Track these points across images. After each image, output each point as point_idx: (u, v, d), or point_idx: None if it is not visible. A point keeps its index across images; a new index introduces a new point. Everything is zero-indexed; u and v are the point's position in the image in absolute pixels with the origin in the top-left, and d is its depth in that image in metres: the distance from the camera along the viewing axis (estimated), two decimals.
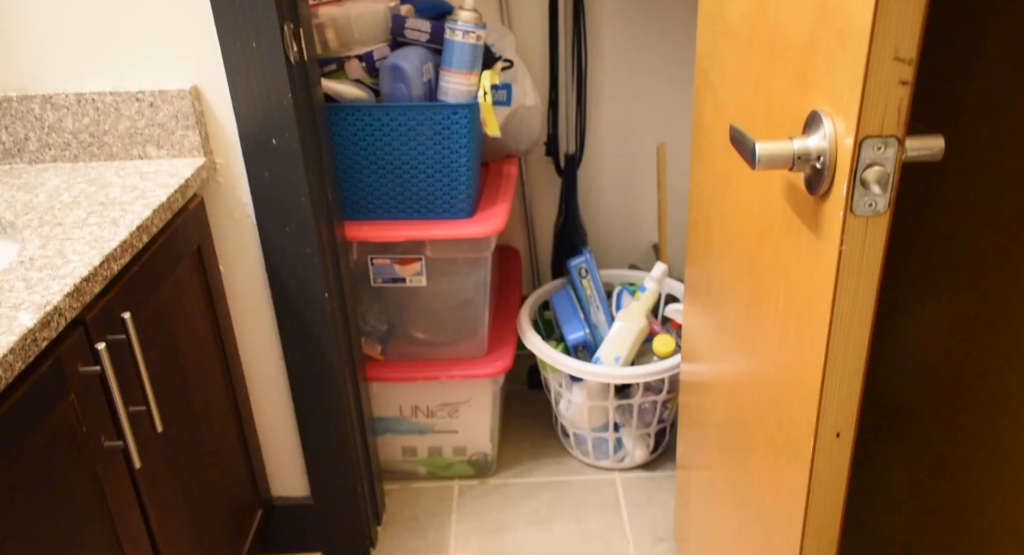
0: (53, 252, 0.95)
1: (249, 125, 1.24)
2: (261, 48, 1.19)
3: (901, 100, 0.60)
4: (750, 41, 0.91)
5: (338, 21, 1.51)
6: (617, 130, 2.02)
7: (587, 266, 1.82)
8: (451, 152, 1.52)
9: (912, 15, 0.58)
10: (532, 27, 1.91)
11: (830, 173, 0.67)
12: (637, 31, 1.91)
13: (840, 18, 0.64)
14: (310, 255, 1.34)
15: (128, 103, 1.21)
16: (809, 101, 0.72)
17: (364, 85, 1.52)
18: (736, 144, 0.77)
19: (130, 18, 1.18)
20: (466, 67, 1.49)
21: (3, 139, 1.22)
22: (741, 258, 0.99)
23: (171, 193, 1.12)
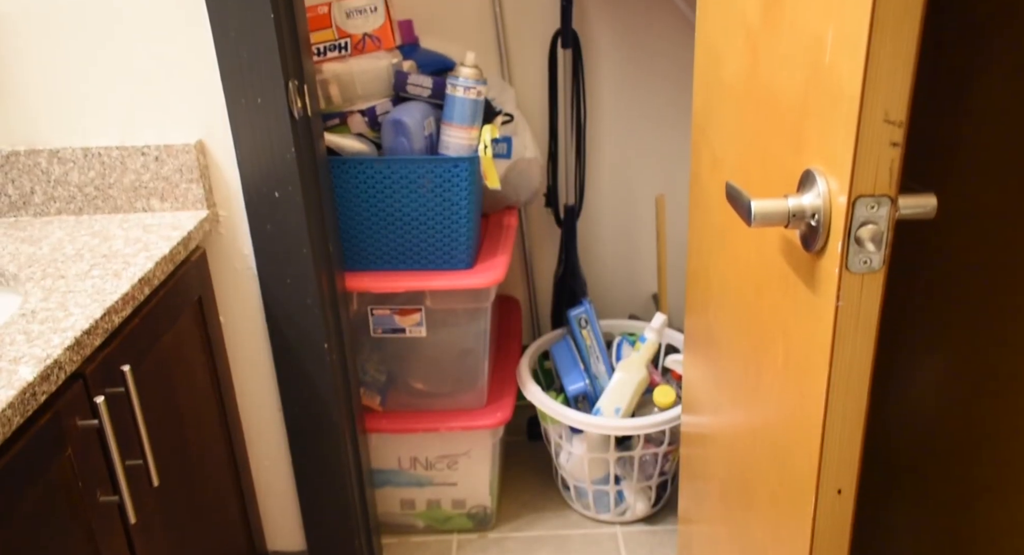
0: (55, 305, 0.95)
1: (252, 178, 1.26)
2: (266, 104, 1.21)
3: (892, 160, 0.62)
4: (745, 100, 0.93)
5: (342, 77, 1.54)
6: (616, 181, 2.05)
7: (587, 316, 1.83)
8: (452, 204, 1.53)
9: (900, 79, 0.60)
10: (532, 81, 1.95)
11: (825, 230, 0.67)
12: (635, 85, 1.95)
13: (831, 81, 0.66)
14: (311, 306, 1.34)
15: (134, 157, 1.23)
16: (803, 160, 0.73)
17: (366, 139, 1.55)
18: (732, 201, 0.78)
19: (138, 75, 1.20)
20: (467, 122, 1.51)
21: (9, 193, 1.24)
22: (740, 311, 0.99)
23: (173, 245, 1.13)
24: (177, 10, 1.17)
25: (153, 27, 1.18)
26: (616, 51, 1.93)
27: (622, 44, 1.92)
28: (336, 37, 1.57)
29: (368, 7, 1.56)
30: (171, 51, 1.19)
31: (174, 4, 1.16)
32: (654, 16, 1.89)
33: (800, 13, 0.73)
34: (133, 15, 1.17)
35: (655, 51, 1.92)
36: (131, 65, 1.20)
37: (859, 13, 0.61)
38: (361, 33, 1.57)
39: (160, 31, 1.18)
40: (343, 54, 1.57)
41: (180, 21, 1.17)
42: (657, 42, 1.91)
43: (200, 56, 1.19)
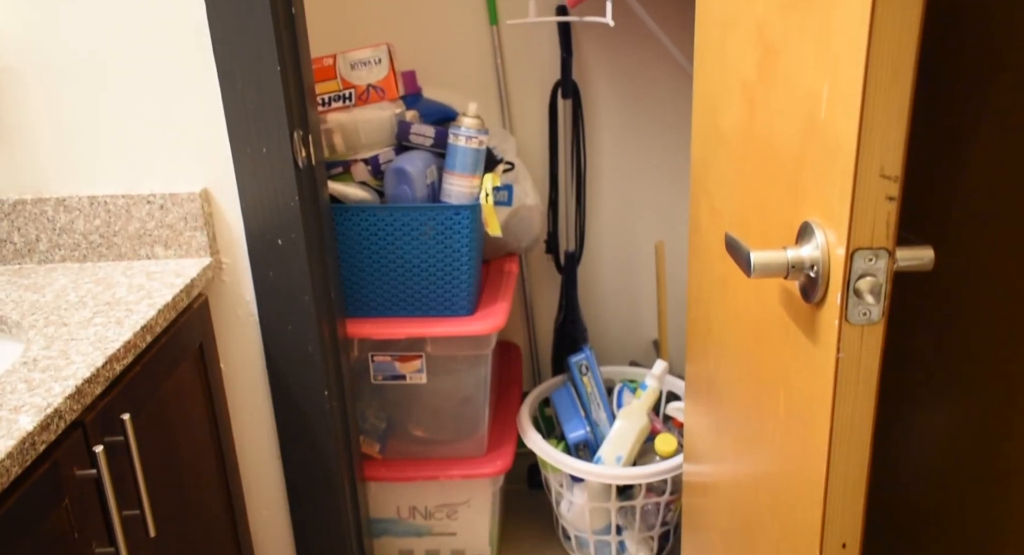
0: (57, 353, 0.95)
1: (256, 226, 1.27)
2: (271, 153, 1.23)
3: (889, 214, 0.62)
4: (743, 151, 0.94)
5: (346, 127, 1.57)
6: (616, 228, 2.07)
7: (588, 363, 1.82)
8: (453, 251, 1.54)
9: (895, 135, 0.61)
10: (533, 130, 1.98)
11: (824, 282, 0.68)
12: (634, 134, 1.98)
13: (827, 134, 0.67)
14: (311, 353, 1.34)
15: (139, 205, 1.24)
16: (801, 212, 0.74)
17: (369, 187, 1.57)
18: (732, 252, 0.79)
19: (147, 125, 1.22)
20: (468, 170, 1.53)
21: (15, 240, 1.25)
22: (741, 360, 0.99)
23: (176, 293, 1.14)
24: (186, 63, 1.19)
25: (162, 79, 1.20)
26: (615, 101, 1.96)
27: (621, 94, 1.96)
28: (341, 88, 1.60)
29: (372, 59, 1.59)
30: (179, 102, 1.21)
31: (184, 57, 1.19)
32: (652, 67, 1.93)
33: (795, 68, 0.75)
34: (143, 68, 1.20)
35: (654, 101, 1.95)
36: (139, 116, 1.22)
37: (853, 70, 0.62)
38: (365, 84, 1.60)
39: (169, 83, 1.20)
40: (347, 104, 1.60)
41: (189, 74, 1.20)
42: (656, 92, 1.95)
43: (207, 107, 1.21)
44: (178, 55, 1.19)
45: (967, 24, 0.98)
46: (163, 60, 1.19)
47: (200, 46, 1.18)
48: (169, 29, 1.18)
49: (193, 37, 1.18)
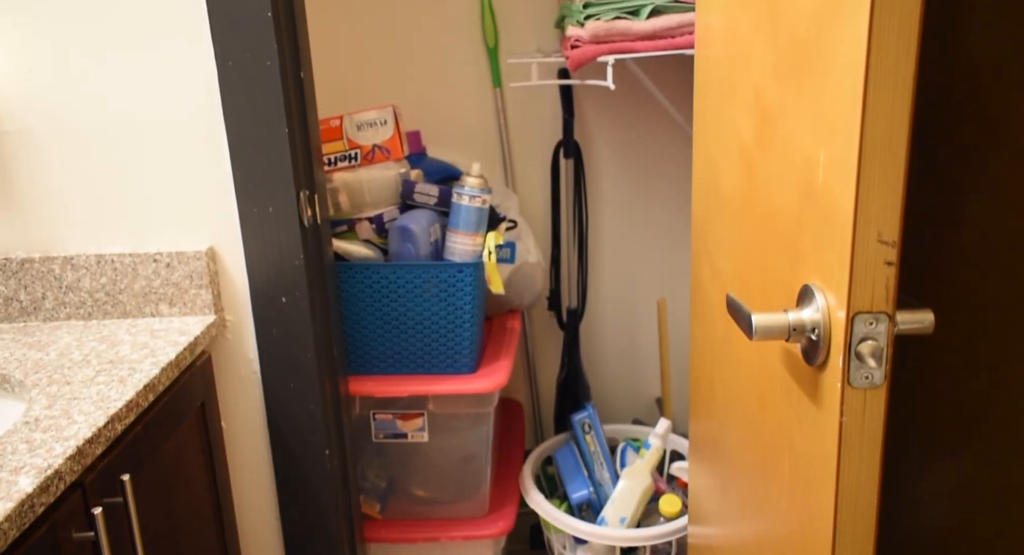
0: (59, 412, 0.95)
1: (261, 284, 1.28)
2: (277, 212, 1.25)
3: (888, 279, 0.63)
4: (743, 212, 0.95)
5: (351, 186, 1.59)
6: (618, 285, 2.07)
7: (590, 421, 1.81)
8: (456, 309, 1.55)
9: (891, 201, 0.62)
10: (535, 188, 2.01)
11: (825, 345, 0.68)
12: (635, 192, 2.01)
13: (825, 199, 0.68)
14: (313, 411, 1.34)
15: (145, 264, 1.25)
16: (801, 274, 0.75)
17: (373, 245, 1.58)
18: (733, 313, 0.80)
19: (156, 185, 1.25)
20: (472, 229, 1.55)
21: (21, 298, 1.26)
22: (745, 421, 0.99)
23: (180, 351, 1.14)
24: (197, 126, 1.22)
25: (173, 141, 1.23)
26: (616, 160, 1.99)
27: (622, 154, 1.99)
28: (347, 148, 1.63)
29: (378, 120, 1.63)
30: (189, 163, 1.24)
31: (194, 120, 1.22)
32: (653, 127, 1.96)
33: (791, 135, 0.77)
34: (154, 130, 1.22)
35: (654, 160, 1.98)
36: (149, 176, 1.24)
37: (848, 139, 0.64)
38: (371, 144, 1.63)
39: (179, 145, 1.23)
40: (353, 164, 1.63)
41: (199, 136, 1.23)
42: (656, 152, 1.98)
43: (217, 167, 1.24)
44: (189, 118, 1.22)
45: (962, 95, 1.01)
46: (174, 123, 1.22)
47: (211, 109, 1.21)
48: (181, 94, 1.21)
49: (205, 101, 1.21)
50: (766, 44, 0.84)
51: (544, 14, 1.90)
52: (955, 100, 1.01)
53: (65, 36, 1.19)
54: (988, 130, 0.96)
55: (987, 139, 0.96)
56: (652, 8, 1.51)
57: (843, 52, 0.65)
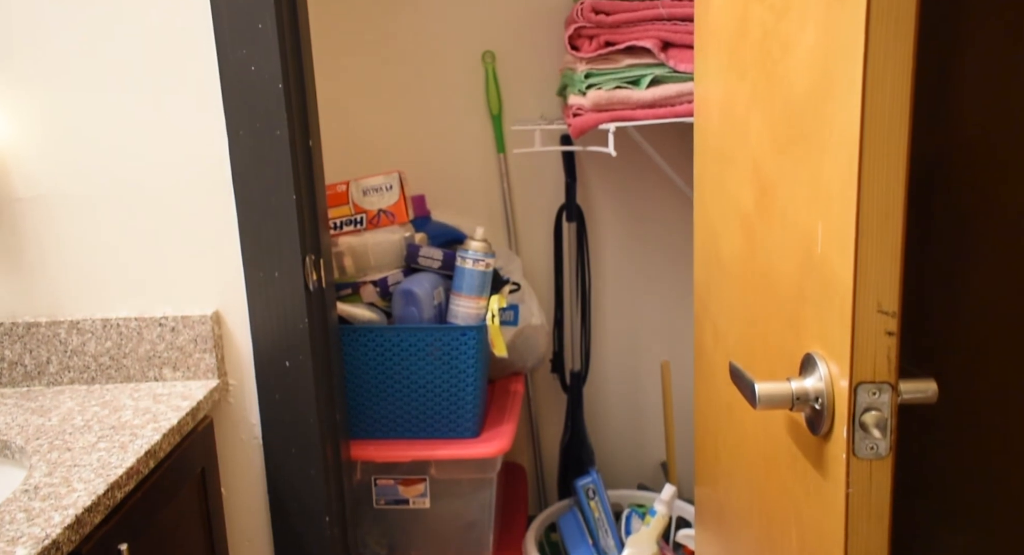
0: (59, 480, 0.95)
1: (265, 348, 1.29)
2: (283, 277, 1.26)
3: (889, 349, 0.64)
4: (744, 279, 0.96)
5: (356, 249, 1.61)
6: (621, 348, 2.07)
7: (595, 487, 1.79)
8: (459, 372, 1.55)
9: (889, 272, 0.63)
10: (538, 250, 2.03)
11: (829, 415, 0.68)
12: (637, 255, 2.03)
13: (824, 270, 0.69)
14: (314, 477, 1.32)
15: (151, 328, 1.26)
16: (803, 343, 0.75)
17: (377, 308, 1.59)
18: (736, 381, 0.80)
19: (164, 250, 1.26)
20: (475, 292, 1.56)
21: (26, 362, 1.26)
22: (751, 489, 0.97)
23: (182, 416, 1.14)
24: (206, 193, 1.24)
25: (182, 208, 1.25)
26: (618, 223, 2.02)
27: (624, 217, 2.01)
28: (352, 212, 1.65)
29: (384, 185, 1.65)
30: (197, 229, 1.26)
31: (204, 187, 1.24)
32: (654, 191, 1.99)
33: (790, 205, 0.78)
34: (163, 197, 1.25)
35: (656, 223, 2.01)
36: (157, 241, 1.26)
37: (845, 211, 0.65)
38: (376, 209, 1.65)
39: (188, 211, 1.25)
40: (359, 228, 1.65)
41: (208, 202, 1.25)
42: (658, 215, 2.00)
43: (224, 233, 1.25)
44: (199, 185, 1.24)
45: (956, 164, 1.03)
46: (185, 190, 1.24)
47: (221, 177, 1.24)
48: (193, 162, 1.24)
49: (215, 169, 1.23)
50: (763, 116, 0.86)
51: (546, 83, 1.95)
52: (949, 169, 1.03)
53: (81, 106, 1.22)
54: (983, 198, 0.97)
55: (983, 207, 0.97)
56: (652, 78, 1.55)
57: (838, 126, 0.66)
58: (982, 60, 0.99)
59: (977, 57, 1.00)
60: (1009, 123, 0.94)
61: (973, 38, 1.00)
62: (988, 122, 0.98)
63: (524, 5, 1.93)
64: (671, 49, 1.56)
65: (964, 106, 1.02)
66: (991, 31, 0.97)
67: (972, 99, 1.01)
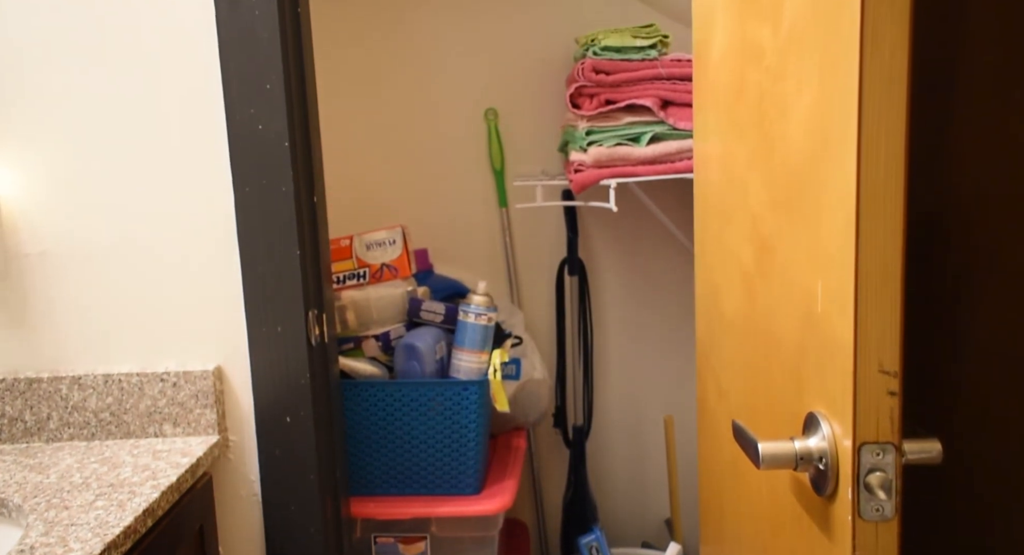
0: (55, 540, 0.93)
1: (266, 403, 1.28)
2: (285, 332, 1.26)
3: (892, 409, 0.63)
4: (745, 336, 0.96)
5: (359, 304, 1.62)
6: (624, 402, 2.06)
7: (598, 544, 1.75)
8: (461, 427, 1.54)
9: (890, 332, 0.63)
10: (540, 304, 2.03)
11: (833, 475, 0.68)
12: (639, 308, 2.03)
13: (825, 330, 0.70)
14: (313, 535, 1.30)
15: (152, 383, 1.26)
16: (806, 401, 0.75)
17: (379, 363, 1.59)
18: (740, 440, 0.79)
19: (167, 306, 1.27)
20: (477, 346, 1.56)
21: (26, 419, 1.26)
22: (756, 549, 0.96)
23: (181, 473, 1.13)
24: (211, 249, 1.25)
25: (187, 264, 1.26)
26: (620, 277, 2.02)
27: (626, 271, 2.02)
28: (356, 266, 1.66)
29: (387, 240, 1.67)
30: (201, 285, 1.26)
31: (209, 244, 1.25)
32: (656, 245, 2.01)
33: (790, 263, 0.79)
34: (169, 253, 1.26)
35: (658, 277, 2.02)
36: (162, 296, 1.27)
37: (844, 270, 0.65)
38: (379, 263, 1.66)
39: (193, 267, 1.26)
40: (361, 282, 1.66)
41: (213, 258, 1.26)
42: (659, 269, 2.01)
43: (228, 288, 1.26)
44: (205, 241, 1.25)
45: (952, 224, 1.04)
46: (189, 245, 1.26)
47: (227, 233, 1.25)
48: (199, 218, 1.25)
49: (221, 224, 1.25)
50: (761, 175, 0.87)
51: (548, 139, 1.98)
52: (946, 229, 1.04)
53: (90, 162, 1.24)
54: (980, 257, 0.98)
55: (981, 265, 0.98)
56: (652, 135, 1.58)
57: (834, 188, 0.67)
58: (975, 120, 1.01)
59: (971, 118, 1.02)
60: (1004, 181, 0.96)
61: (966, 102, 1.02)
62: (983, 180, 1.00)
63: (526, 63, 1.97)
64: (670, 107, 1.59)
65: (959, 164, 1.04)
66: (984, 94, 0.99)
67: (967, 157, 1.02)
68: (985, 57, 0.98)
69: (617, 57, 1.61)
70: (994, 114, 0.97)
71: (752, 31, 0.88)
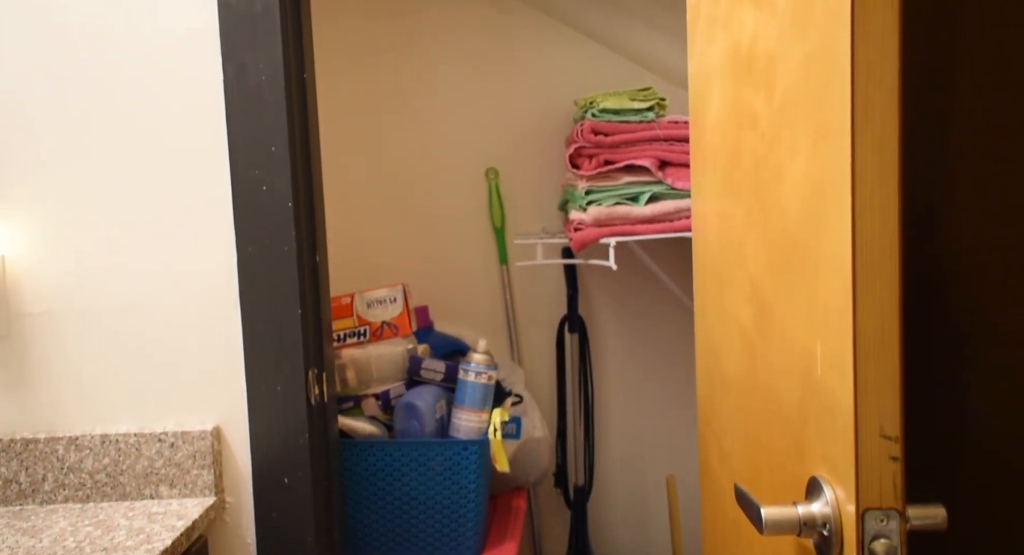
0: None
1: (264, 464, 1.27)
2: (285, 392, 1.26)
3: (895, 474, 0.63)
4: (746, 397, 0.96)
5: (359, 362, 1.61)
6: (626, 461, 2.04)
7: None
8: (460, 488, 1.52)
9: (890, 396, 0.63)
10: (541, 361, 2.03)
11: (838, 542, 0.67)
12: (640, 366, 2.02)
13: (825, 393, 0.70)
14: None
15: (150, 443, 1.25)
16: (808, 465, 0.75)
17: (378, 422, 1.58)
18: (742, 504, 0.78)
19: (167, 365, 1.27)
20: (477, 405, 1.55)
21: (21, 480, 1.25)
22: None
23: (176, 536, 1.11)
24: (214, 308, 1.26)
25: (189, 323, 1.26)
26: (621, 335, 2.02)
27: (626, 328, 2.02)
28: (356, 324, 1.66)
29: (388, 298, 1.68)
30: (202, 344, 1.26)
31: (212, 303, 1.26)
32: (656, 303, 2.01)
33: (789, 326, 0.79)
34: (171, 312, 1.26)
35: (659, 335, 2.02)
36: (161, 356, 1.27)
37: (842, 333, 0.66)
38: (380, 321, 1.67)
39: (194, 326, 1.26)
40: (362, 340, 1.66)
41: (214, 318, 1.26)
42: (660, 327, 2.02)
43: (229, 347, 1.26)
44: (206, 300, 1.26)
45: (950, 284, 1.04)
46: (191, 305, 1.26)
47: (229, 292, 1.25)
48: (200, 277, 1.26)
49: (223, 284, 1.25)
50: (759, 237, 0.89)
51: (548, 197, 2.01)
52: (944, 289, 1.04)
53: (95, 222, 1.25)
54: (980, 318, 0.98)
55: (980, 327, 0.98)
56: (650, 195, 1.60)
57: (830, 251, 0.68)
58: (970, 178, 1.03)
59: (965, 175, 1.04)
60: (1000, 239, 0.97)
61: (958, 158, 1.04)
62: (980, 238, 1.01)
63: (526, 123, 2.01)
64: (668, 168, 1.62)
65: (955, 222, 1.05)
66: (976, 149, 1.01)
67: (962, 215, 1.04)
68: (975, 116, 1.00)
69: (615, 119, 1.64)
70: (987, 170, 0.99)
71: (746, 98, 0.90)
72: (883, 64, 0.63)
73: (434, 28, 2.02)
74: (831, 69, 0.67)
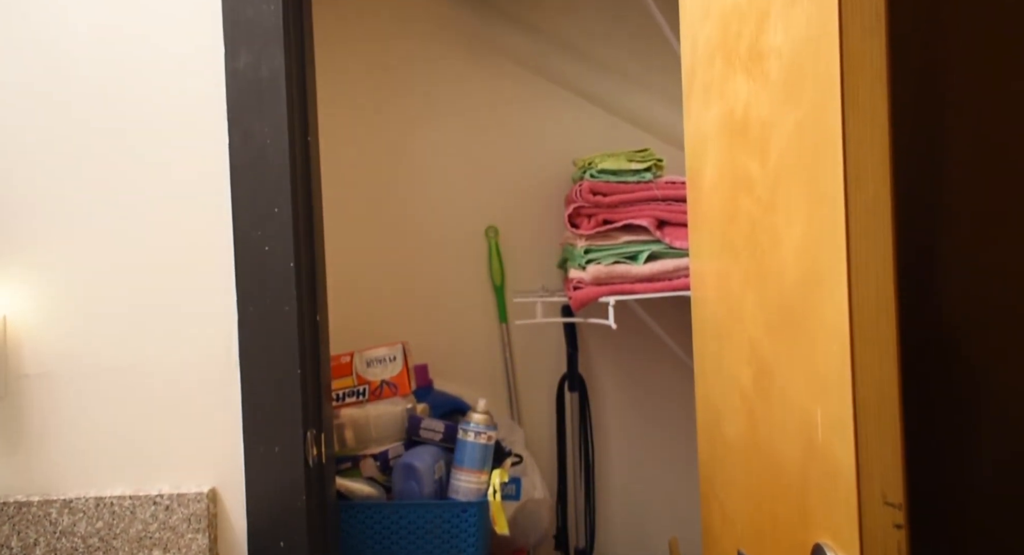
0: None
1: (260, 527, 1.25)
2: (283, 453, 1.24)
3: (899, 542, 0.62)
4: (749, 460, 0.95)
5: (358, 421, 1.60)
6: (627, 522, 2.00)
7: None
8: (459, 551, 1.49)
9: (892, 462, 0.63)
10: (541, 420, 2.01)
11: None
12: (641, 425, 2.01)
13: (827, 459, 0.69)
14: None
15: (145, 506, 1.23)
16: (811, 531, 0.74)
17: (376, 483, 1.56)
18: None
19: (163, 425, 1.25)
20: (477, 466, 1.53)
21: (12, 545, 1.22)
22: None
23: None
24: (213, 369, 1.25)
25: (188, 383, 1.26)
26: (621, 394, 2.01)
27: (627, 387, 2.01)
28: (355, 384, 1.66)
29: (388, 356, 1.67)
30: (200, 405, 1.26)
31: (211, 364, 1.26)
32: (656, 362, 2.01)
33: (789, 388, 0.79)
34: (170, 374, 1.26)
35: (659, 395, 2.01)
36: (160, 416, 1.26)
37: (842, 398, 0.66)
38: (379, 380, 1.66)
39: (192, 388, 1.26)
40: (361, 399, 1.65)
41: (214, 377, 1.26)
42: (661, 386, 2.01)
43: (227, 409, 1.25)
44: (206, 361, 1.26)
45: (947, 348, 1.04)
46: (190, 366, 1.26)
47: (228, 352, 1.25)
48: (200, 338, 1.26)
49: (223, 345, 1.25)
50: (757, 299, 0.89)
51: (547, 255, 2.02)
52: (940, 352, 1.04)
53: (96, 285, 1.26)
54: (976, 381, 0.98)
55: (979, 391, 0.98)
56: (649, 254, 1.61)
57: (827, 315, 0.69)
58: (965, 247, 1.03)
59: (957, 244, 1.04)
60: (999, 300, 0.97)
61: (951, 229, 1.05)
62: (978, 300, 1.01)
63: (525, 183, 2.04)
64: (666, 227, 1.64)
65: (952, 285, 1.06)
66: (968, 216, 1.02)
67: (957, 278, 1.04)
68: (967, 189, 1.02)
69: (614, 179, 1.67)
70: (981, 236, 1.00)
71: (742, 162, 0.92)
72: (873, 133, 0.65)
73: (435, 89, 2.07)
74: (823, 136, 0.69)
